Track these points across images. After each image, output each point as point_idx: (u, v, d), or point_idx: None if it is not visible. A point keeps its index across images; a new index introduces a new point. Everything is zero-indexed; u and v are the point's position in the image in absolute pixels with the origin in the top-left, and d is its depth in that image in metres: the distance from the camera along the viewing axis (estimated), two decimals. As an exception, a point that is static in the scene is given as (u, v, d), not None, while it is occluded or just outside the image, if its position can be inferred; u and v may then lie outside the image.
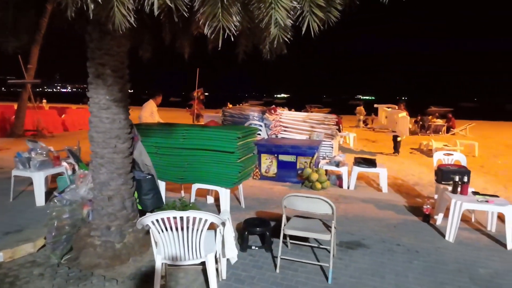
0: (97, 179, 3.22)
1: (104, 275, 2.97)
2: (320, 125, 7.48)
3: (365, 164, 5.88)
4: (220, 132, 4.10)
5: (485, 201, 3.70)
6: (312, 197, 2.98)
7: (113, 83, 3.13)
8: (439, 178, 4.42)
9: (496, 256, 3.46)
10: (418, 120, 15.38)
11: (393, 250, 3.57)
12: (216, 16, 2.18)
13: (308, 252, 3.52)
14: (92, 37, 3.07)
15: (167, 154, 4.28)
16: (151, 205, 3.65)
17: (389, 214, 4.67)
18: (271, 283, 2.93)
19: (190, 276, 3.02)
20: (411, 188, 6.20)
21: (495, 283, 2.98)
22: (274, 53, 3.45)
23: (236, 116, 8.05)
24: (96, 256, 3.10)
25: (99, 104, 3.13)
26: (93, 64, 3.09)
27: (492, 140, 13.34)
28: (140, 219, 2.37)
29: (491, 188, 6.28)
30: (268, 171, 6.34)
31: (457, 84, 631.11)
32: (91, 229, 3.26)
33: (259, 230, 3.54)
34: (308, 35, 2.37)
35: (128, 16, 2.02)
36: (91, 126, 3.18)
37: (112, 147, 3.18)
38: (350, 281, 2.98)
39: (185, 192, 5.24)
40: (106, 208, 3.23)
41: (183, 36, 4.10)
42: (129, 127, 3.35)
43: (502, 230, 3.75)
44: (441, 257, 3.42)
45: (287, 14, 2.26)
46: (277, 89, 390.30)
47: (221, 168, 4.08)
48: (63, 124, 13.37)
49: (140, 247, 3.32)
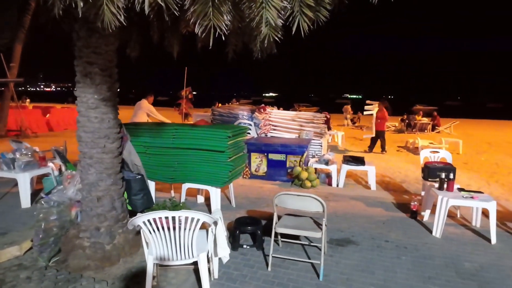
0: (86, 179, 3.17)
1: (94, 277, 2.93)
2: (309, 123, 7.53)
3: (354, 162, 5.96)
4: (210, 131, 4.09)
5: (470, 197, 3.80)
6: (303, 195, 3.00)
7: (101, 82, 3.08)
8: (426, 175, 4.52)
9: (481, 250, 3.56)
10: (404, 119, 15.65)
11: (382, 246, 3.63)
12: (207, 15, 2.18)
13: (299, 250, 3.54)
14: (80, 35, 3.01)
15: (156, 153, 4.24)
16: (141, 205, 3.61)
17: (378, 211, 4.74)
18: (263, 281, 2.94)
19: (181, 276, 3.01)
20: (399, 185, 6.31)
21: (480, 276, 3.06)
22: (265, 52, 3.46)
23: (225, 115, 8.03)
24: (85, 257, 3.06)
25: (87, 103, 3.08)
26: (80, 62, 3.03)
27: (475, 137, 13.70)
28: (131, 220, 2.34)
29: (475, 184, 6.46)
30: (258, 170, 6.36)
31: (442, 83, 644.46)
32: (79, 230, 3.21)
33: (250, 229, 3.55)
34: (297, 34, 2.39)
35: (118, 15, 1.99)
36: (79, 125, 3.13)
37: (101, 147, 3.13)
38: (341, 278, 3.03)
39: (175, 192, 5.20)
40: (95, 209, 3.18)
41: (172, 34, 4.07)
42: (118, 127, 3.31)
43: (486, 225, 3.86)
44: (428, 252, 3.50)
45: (278, 14, 2.27)
46: (266, 88, 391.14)
47: (212, 168, 4.07)
48: (48, 124, 13.07)
49: (131, 248, 3.29)
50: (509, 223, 4.29)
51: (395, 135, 14.51)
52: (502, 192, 5.95)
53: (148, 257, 2.51)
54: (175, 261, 2.52)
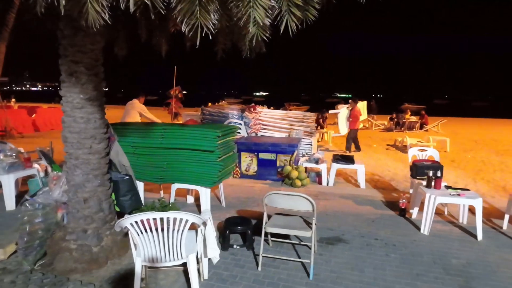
0: (72, 181, 3.11)
1: (81, 280, 2.87)
2: (299, 122, 7.55)
3: (344, 161, 6.00)
4: (200, 131, 4.06)
5: (457, 194, 3.86)
6: (292, 194, 3.00)
7: (87, 81, 3.02)
8: (414, 173, 4.58)
9: (468, 247, 3.62)
10: (393, 117, 15.84)
11: (372, 244, 3.66)
12: (193, 13, 2.15)
13: (290, 249, 3.55)
14: (64, 33, 2.95)
15: (145, 154, 4.19)
16: (130, 206, 3.56)
17: (367, 209, 4.78)
18: (253, 281, 2.93)
19: (171, 277, 2.97)
20: (388, 184, 6.38)
21: (467, 272, 3.11)
22: (254, 52, 3.45)
23: (215, 114, 7.99)
24: (72, 260, 3.00)
25: (73, 103, 3.02)
26: (65, 61, 2.97)
27: (461, 136, 13.95)
28: (118, 221, 2.31)
29: (462, 181, 6.57)
30: (248, 169, 6.34)
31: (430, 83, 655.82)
32: (66, 233, 3.15)
33: (240, 228, 3.53)
34: (287, 34, 2.38)
35: (103, 13, 1.95)
36: (64, 126, 3.06)
37: (87, 147, 3.08)
38: (331, 276, 3.04)
39: (164, 192, 5.15)
40: (82, 211, 3.12)
41: (160, 33, 4.02)
42: (105, 127, 3.25)
43: (472, 222, 3.92)
44: (417, 250, 3.54)
45: (266, 13, 2.26)
46: (256, 87, 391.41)
47: (201, 167, 4.04)
48: (34, 124, 12.81)
49: (119, 250, 3.24)
50: (494, 219, 4.37)
51: (384, 133, 14.68)
52: (488, 189, 6.07)
53: (136, 259, 2.47)
54: (164, 263, 2.49)
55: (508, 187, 6.15)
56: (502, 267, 3.22)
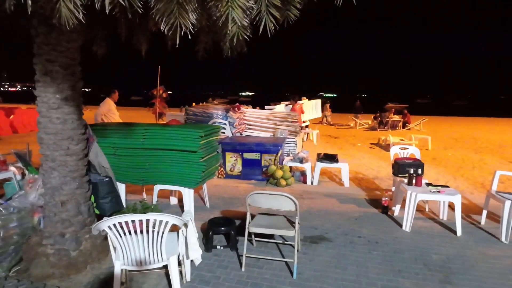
0: (49, 183, 3.01)
1: (58, 285, 2.79)
2: (283, 122, 7.56)
3: (328, 160, 6.04)
4: (182, 131, 4.00)
5: (437, 191, 3.94)
6: (275, 194, 2.99)
7: (63, 81, 2.93)
8: (396, 171, 4.64)
9: (448, 242, 3.70)
10: (377, 116, 16.08)
11: (355, 242, 3.69)
12: (172, 13, 2.12)
13: (273, 249, 3.54)
14: (38, 31, 2.85)
15: (126, 155, 4.10)
16: (110, 209, 3.48)
17: (351, 207, 4.83)
18: (237, 282, 2.91)
19: (152, 280, 2.92)
20: (371, 182, 6.46)
21: (446, 267, 3.18)
22: (235, 51, 3.42)
23: (199, 114, 7.92)
24: (49, 265, 2.91)
25: (48, 103, 2.92)
26: (40, 60, 2.87)
27: (442, 134, 14.28)
28: (95, 225, 2.24)
29: (442, 178, 6.72)
30: (233, 169, 6.31)
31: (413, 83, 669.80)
32: (43, 237, 3.05)
33: (224, 229, 3.50)
34: (272, 33, 2.37)
35: (76, 12, 1.89)
36: (40, 127, 2.97)
37: (64, 149, 2.99)
38: (314, 275, 3.04)
39: (147, 194, 5.07)
40: (59, 214, 3.03)
41: (140, 32, 3.94)
42: (83, 127, 3.16)
43: (452, 218, 4.00)
44: (399, 246, 3.59)
45: (244, 14, 2.25)
46: (242, 87, 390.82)
47: (184, 168, 3.98)
48: (12, 125, 12.41)
49: (98, 253, 3.16)
50: (473, 215, 4.49)
51: (368, 132, 14.88)
52: (467, 186, 6.22)
53: (115, 263, 2.42)
54: (144, 266, 2.44)
55: (486, 184, 6.32)
56: (480, 261, 3.30)
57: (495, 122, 21.11)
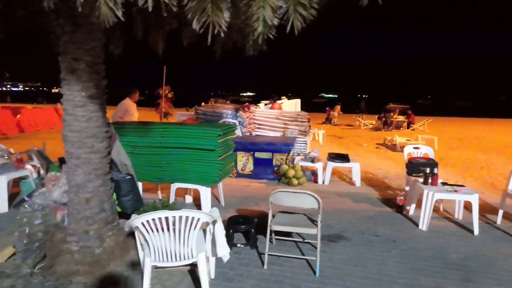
0: (73, 181, 3.03)
1: (84, 282, 2.81)
2: (293, 122, 7.59)
3: (339, 159, 6.06)
4: (200, 129, 4.03)
5: (454, 190, 3.96)
6: (299, 192, 3.02)
7: (88, 79, 2.95)
8: (410, 170, 4.66)
9: (465, 241, 3.72)
10: (381, 117, 16.10)
11: (372, 241, 3.71)
12: (205, 11, 2.14)
13: (292, 247, 3.56)
14: (65, 30, 2.87)
15: (144, 153, 4.13)
16: (131, 206, 3.50)
17: (365, 206, 4.85)
18: (259, 280, 2.93)
19: (176, 277, 2.94)
20: (381, 181, 6.48)
21: (466, 266, 3.20)
22: (256, 50, 3.44)
23: (209, 114, 7.94)
24: (74, 262, 2.93)
25: (74, 101, 2.94)
26: (66, 58, 2.89)
27: (446, 134, 14.30)
28: (128, 221, 2.26)
29: (452, 178, 6.73)
30: (245, 168, 6.33)
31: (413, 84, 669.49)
32: (67, 234, 3.07)
33: (244, 227, 3.53)
34: (299, 31, 2.40)
35: (116, 9, 1.91)
36: (65, 124, 2.99)
37: (89, 146, 3.01)
38: (336, 273, 3.07)
39: (162, 192, 5.10)
40: (83, 212, 3.05)
41: (157, 31, 3.97)
42: (106, 126, 3.19)
43: (467, 217, 4.03)
44: (416, 245, 3.62)
45: (273, 13, 2.27)
46: (244, 87, 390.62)
47: (202, 167, 4.01)
48: (18, 125, 12.44)
49: (121, 251, 3.18)
50: (487, 214, 4.51)
51: (372, 132, 14.91)
52: (477, 186, 6.24)
53: (145, 259, 2.44)
54: (173, 262, 2.46)
55: (496, 184, 6.34)
56: (499, 260, 3.32)
57: (496, 122, 21.16)
